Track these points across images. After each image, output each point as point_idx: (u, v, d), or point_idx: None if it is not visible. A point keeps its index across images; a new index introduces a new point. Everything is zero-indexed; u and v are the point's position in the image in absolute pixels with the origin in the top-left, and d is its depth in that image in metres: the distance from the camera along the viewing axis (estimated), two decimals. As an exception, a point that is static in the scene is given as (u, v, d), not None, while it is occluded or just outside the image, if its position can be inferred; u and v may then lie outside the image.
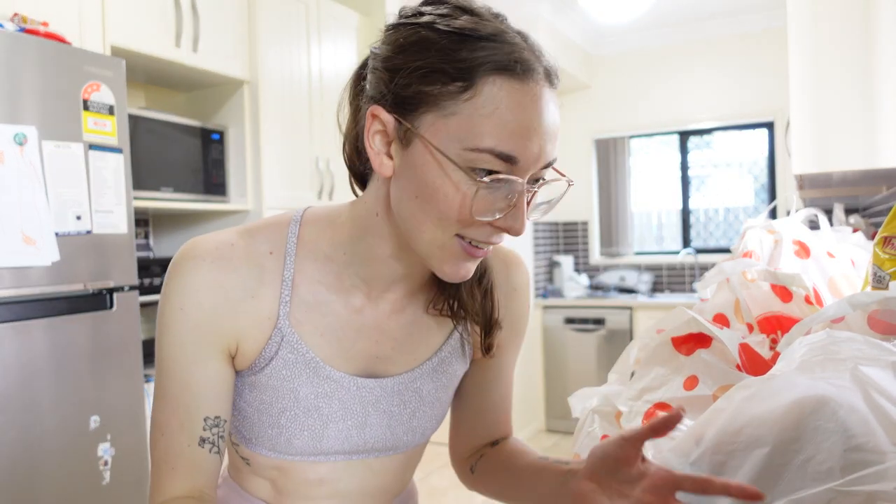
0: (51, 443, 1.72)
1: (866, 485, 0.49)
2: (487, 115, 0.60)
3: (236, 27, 2.65)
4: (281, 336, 0.73)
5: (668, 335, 0.82)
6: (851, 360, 0.56)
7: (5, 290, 1.64)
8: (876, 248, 0.84)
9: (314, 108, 2.98)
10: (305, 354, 0.74)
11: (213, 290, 0.70)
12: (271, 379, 0.74)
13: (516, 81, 0.61)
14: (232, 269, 0.71)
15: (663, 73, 4.89)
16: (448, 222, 0.64)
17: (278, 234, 0.75)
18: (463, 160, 0.61)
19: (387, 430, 0.79)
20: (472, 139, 0.60)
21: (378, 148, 0.67)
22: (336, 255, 0.74)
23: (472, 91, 0.60)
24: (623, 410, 0.80)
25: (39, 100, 1.72)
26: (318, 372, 0.74)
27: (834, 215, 2.21)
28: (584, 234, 5.25)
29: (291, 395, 0.74)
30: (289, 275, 0.73)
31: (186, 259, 0.70)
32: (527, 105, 0.61)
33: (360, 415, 0.77)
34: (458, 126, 0.61)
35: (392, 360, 0.79)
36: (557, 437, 4.62)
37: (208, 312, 0.70)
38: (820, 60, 1.68)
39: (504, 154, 0.60)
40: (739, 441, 0.57)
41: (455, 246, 0.66)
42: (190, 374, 0.71)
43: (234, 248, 0.72)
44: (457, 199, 0.62)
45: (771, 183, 4.71)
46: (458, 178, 0.62)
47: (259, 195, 2.70)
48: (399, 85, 0.63)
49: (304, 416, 0.75)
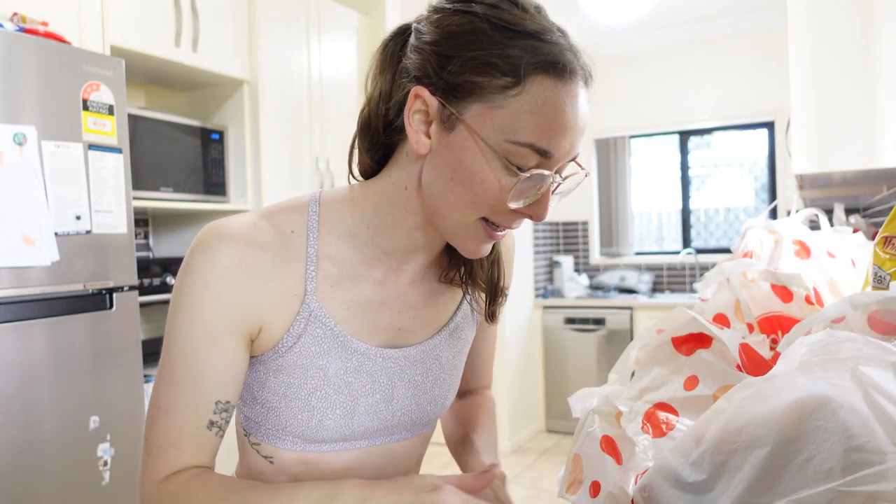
0: (50, 443, 1.72)
1: (867, 485, 0.49)
2: (531, 111, 0.64)
3: (236, 27, 2.65)
4: (309, 312, 0.73)
5: (669, 335, 0.82)
6: (852, 360, 0.56)
7: (5, 290, 1.64)
8: (876, 248, 0.84)
9: (314, 107, 2.98)
10: (333, 329, 0.75)
11: (241, 269, 0.70)
12: (300, 357, 0.74)
13: (559, 82, 0.65)
14: (259, 248, 0.71)
15: (663, 73, 4.89)
16: (479, 207, 0.68)
17: (299, 213, 0.76)
18: (503, 150, 0.65)
19: (412, 401, 0.82)
20: (515, 133, 0.64)
21: (417, 126, 0.69)
22: (359, 229, 0.76)
23: (519, 87, 0.64)
24: (623, 410, 0.79)
25: (39, 100, 1.72)
26: (346, 346, 0.75)
27: (834, 215, 2.21)
28: (584, 234, 5.25)
29: (321, 373, 0.75)
30: (313, 251, 0.74)
31: (212, 238, 0.70)
32: (566, 104, 0.65)
33: (387, 387, 0.79)
34: (502, 119, 0.64)
35: (413, 330, 0.81)
36: (557, 438, 4.62)
37: (235, 291, 0.70)
38: (820, 60, 1.68)
39: (541, 149, 0.65)
40: (740, 441, 0.57)
41: (479, 228, 0.70)
42: (207, 354, 0.70)
43: (259, 227, 0.72)
44: (494, 186, 0.66)
45: (771, 183, 4.71)
46: (496, 166, 0.65)
47: (259, 195, 2.70)
48: (450, 72, 0.66)
49: (335, 394, 0.75)
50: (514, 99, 0.64)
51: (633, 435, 0.76)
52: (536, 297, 4.78)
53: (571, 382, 4.60)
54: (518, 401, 4.43)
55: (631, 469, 0.74)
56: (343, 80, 3.16)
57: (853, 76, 1.64)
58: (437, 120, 0.68)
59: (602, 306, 4.54)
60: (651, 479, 0.65)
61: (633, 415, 0.78)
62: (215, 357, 0.70)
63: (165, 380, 0.71)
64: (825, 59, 1.68)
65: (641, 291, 4.81)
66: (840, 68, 1.66)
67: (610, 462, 0.75)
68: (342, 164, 3.11)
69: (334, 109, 3.09)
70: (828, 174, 1.86)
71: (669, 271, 4.96)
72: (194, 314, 0.69)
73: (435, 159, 0.69)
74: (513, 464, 4.08)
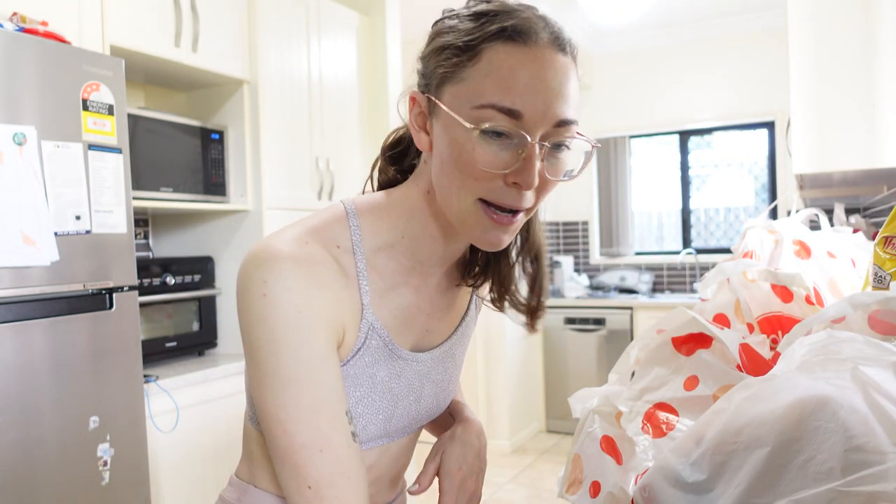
0: (50, 443, 1.72)
1: (867, 485, 0.49)
2: (488, 74, 0.67)
3: (236, 27, 2.65)
4: (368, 325, 0.75)
5: (669, 335, 0.82)
6: (852, 360, 0.56)
7: (4, 290, 1.64)
8: (877, 249, 0.84)
9: (314, 108, 2.98)
10: (386, 339, 0.77)
11: (318, 286, 0.69)
12: (353, 368, 0.75)
13: (515, 45, 0.67)
14: (322, 265, 0.71)
15: (663, 73, 4.89)
16: (469, 184, 0.69)
17: (340, 227, 0.76)
18: (473, 119, 0.67)
19: (434, 399, 0.86)
20: (477, 98, 0.67)
21: (417, 126, 0.74)
22: (395, 240, 0.78)
23: (477, 58, 0.67)
24: (623, 410, 0.79)
25: (38, 99, 1.72)
26: (394, 354, 0.78)
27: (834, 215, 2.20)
28: (584, 234, 5.25)
29: (370, 382, 0.77)
30: (362, 266, 0.75)
31: (278, 262, 0.68)
32: (526, 64, 0.66)
33: (417, 388, 0.83)
34: (466, 90, 0.68)
35: (437, 332, 0.85)
36: (557, 438, 4.62)
37: (322, 308, 0.69)
38: (820, 60, 1.68)
39: (506, 108, 0.66)
40: (740, 441, 0.57)
41: (480, 211, 0.70)
42: (323, 373, 0.68)
43: (312, 246, 0.72)
44: (472, 156, 0.67)
45: (771, 183, 4.71)
46: (472, 136, 0.67)
47: (259, 195, 2.70)
48: (427, 68, 0.73)
49: (380, 400, 0.78)
50: (474, 69, 0.67)
51: (633, 435, 0.75)
52: (536, 297, 4.77)
53: (571, 382, 4.60)
54: (518, 401, 4.43)
55: (631, 469, 0.73)
56: (343, 80, 3.16)
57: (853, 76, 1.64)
58: (427, 114, 0.73)
59: (602, 306, 4.54)
60: (651, 480, 0.65)
61: (634, 415, 0.78)
62: (330, 372, 0.69)
63: (293, 419, 0.67)
64: (825, 59, 1.68)
65: (641, 291, 4.81)
66: (840, 68, 1.66)
67: (610, 462, 0.75)
68: (342, 164, 3.11)
69: (334, 109, 3.09)
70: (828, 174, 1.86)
71: (669, 271, 4.96)
72: (296, 340, 0.67)
73: (435, 152, 0.73)
74: (513, 464, 4.08)
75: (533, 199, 0.71)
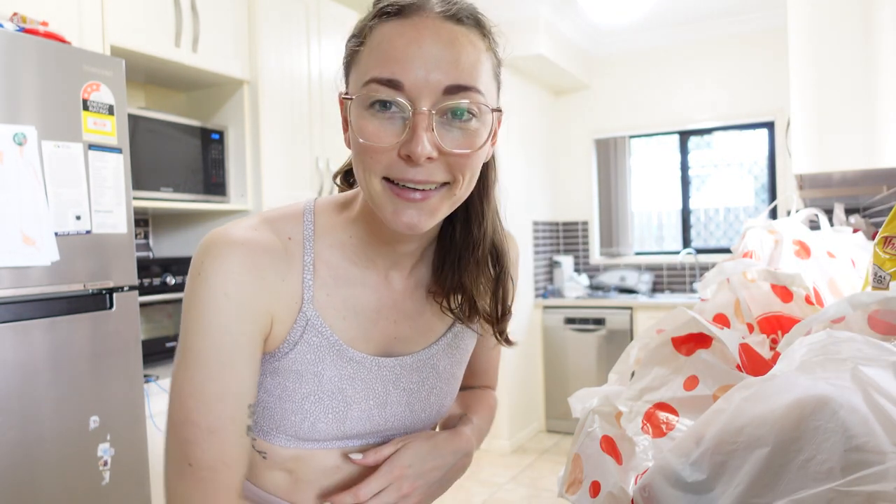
0: (50, 443, 1.72)
1: (867, 485, 0.49)
2: (370, 51, 0.68)
3: (236, 27, 2.65)
4: (306, 320, 0.74)
5: (669, 335, 0.82)
6: (852, 360, 0.56)
7: (5, 290, 1.64)
8: (876, 249, 0.84)
9: (314, 108, 2.98)
10: (329, 338, 0.76)
11: (254, 274, 0.70)
12: (295, 363, 0.75)
13: (393, 20, 0.67)
14: (265, 254, 0.72)
15: (663, 73, 4.89)
16: (370, 163, 0.68)
17: (295, 222, 0.77)
18: (361, 97, 0.67)
19: (406, 407, 0.83)
20: (363, 76, 0.67)
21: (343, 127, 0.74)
22: (348, 239, 0.78)
23: (366, 41, 0.69)
24: (623, 410, 0.79)
25: (39, 100, 1.72)
26: (341, 354, 0.76)
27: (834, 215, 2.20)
28: (584, 234, 5.25)
29: (315, 379, 0.75)
30: (309, 259, 0.75)
31: (221, 246, 0.70)
32: (404, 34, 0.66)
33: (381, 394, 0.80)
34: (356, 72, 0.69)
35: (410, 340, 0.83)
36: (557, 438, 4.62)
37: (252, 296, 0.70)
38: (820, 60, 1.68)
39: (385, 79, 0.65)
40: (740, 441, 0.57)
41: (387, 190, 0.69)
42: (235, 361, 0.69)
43: (262, 234, 0.73)
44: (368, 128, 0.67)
45: (771, 183, 4.71)
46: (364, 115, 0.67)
47: (259, 195, 2.70)
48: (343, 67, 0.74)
49: (329, 399, 0.76)
50: (362, 52, 0.69)
51: (633, 435, 0.75)
52: (536, 297, 4.78)
53: (571, 382, 4.60)
54: (518, 401, 4.43)
55: (631, 469, 0.73)
56: (343, 80, 3.16)
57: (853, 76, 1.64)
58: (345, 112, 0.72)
59: (602, 306, 4.54)
60: (651, 479, 0.65)
61: (633, 415, 0.78)
62: (242, 361, 0.70)
63: (196, 396, 0.68)
64: (825, 59, 1.68)
65: (641, 291, 4.81)
66: (840, 68, 1.66)
67: (610, 462, 0.75)
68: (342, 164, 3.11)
69: (334, 109, 3.09)
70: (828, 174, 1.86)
71: (669, 271, 4.96)
72: (217, 323, 0.68)
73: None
74: (513, 464, 4.08)
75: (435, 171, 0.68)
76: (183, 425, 0.69)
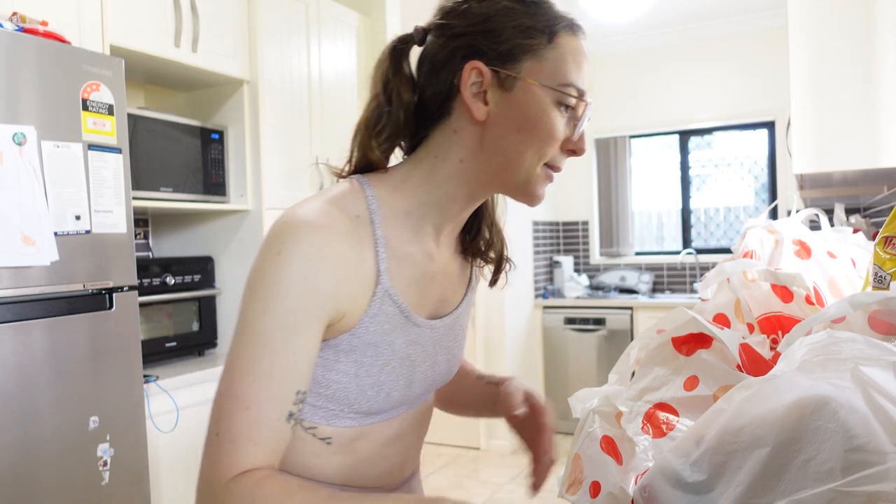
0: (50, 443, 1.72)
1: (867, 485, 0.49)
2: (565, 60, 0.78)
3: (236, 27, 2.65)
4: (383, 291, 0.78)
5: (669, 335, 0.82)
6: (852, 360, 0.56)
7: (4, 290, 1.64)
8: (877, 248, 0.84)
9: (314, 108, 2.98)
10: (400, 305, 0.80)
11: (333, 259, 0.72)
12: (373, 336, 0.78)
13: (576, 36, 0.80)
14: (344, 238, 0.74)
15: (663, 73, 4.89)
16: (545, 149, 0.78)
17: (357, 199, 0.79)
18: (556, 94, 0.77)
19: (447, 365, 0.91)
20: (562, 77, 0.77)
21: (473, 97, 0.78)
22: (412, 209, 0.82)
23: (554, 42, 0.78)
24: (623, 411, 0.79)
25: (38, 99, 1.72)
26: (409, 320, 0.81)
27: (835, 215, 2.20)
28: (584, 234, 5.25)
29: (389, 349, 0.80)
30: (379, 233, 0.78)
31: (304, 228, 0.71)
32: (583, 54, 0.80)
33: (432, 355, 0.87)
34: (548, 69, 0.77)
35: (448, 301, 0.89)
36: (558, 438, 4.62)
37: (326, 281, 0.71)
38: (820, 60, 1.68)
39: (579, 88, 0.78)
40: (740, 441, 0.57)
41: (544, 173, 0.81)
42: (294, 344, 0.70)
43: (333, 214, 0.74)
44: (556, 123, 0.77)
45: (771, 183, 4.71)
46: (552, 108, 0.77)
47: (259, 195, 2.70)
48: (501, 42, 0.77)
49: (400, 366, 0.81)
50: (552, 52, 0.77)
51: (633, 435, 0.75)
52: (536, 298, 4.78)
53: (571, 382, 4.60)
54: (518, 401, 4.42)
55: (631, 469, 0.73)
56: (343, 80, 3.16)
57: (853, 76, 1.64)
58: (493, 85, 0.77)
59: (602, 306, 4.54)
60: (651, 480, 0.65)
61: (634, 415, 0.78)
62: (301, 346, 0.71)
63: (244, 370, 0.69)
64: (825, 59, 1.68)
65: (641, 291, 4.80)
66: (840, 68, 1.66)
67: (610, 462, 0.75)
68: (342, 164, 3.11)
69: (334, 109, 3.09)
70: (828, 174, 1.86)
71: (669, 271, 4.96)
72: (286, 303, 0.69)
73: (497, 121, 0.78)
74: (513, 464, 4.08)
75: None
76: (223, 396, 0.70)
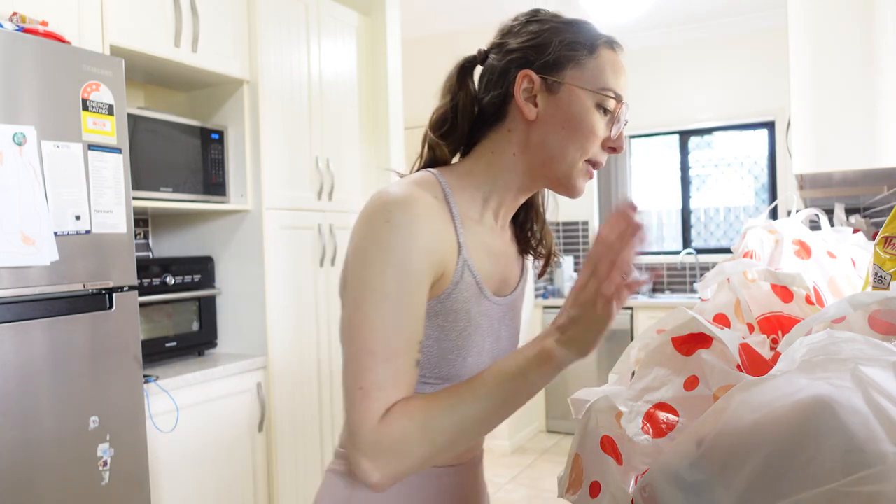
0: (50, 443, 1.72)
1: (867, 485, 0.49)
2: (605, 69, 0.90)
3: (236, 27, 2.65)
4: (463, 261, 0.88)
5: (669, 335, 0.82)
6: (852, 360, 0.56)
7: (4, 290, 1.64)
8: (877, 248, 0.84)
9: (314, 108, 2.98)
10: (476, 277, 0.90)
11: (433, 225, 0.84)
12: (455, 303, 0.87)
13: (613, 50, 0.93)
14: (433, 207, 0.85)
15: (663, 73, 4.89)
16: (587, 146, 0.89)
17: (431, 185, 0.90)
18: (597, 97, 0.89)
19: (508, 341, 0.99)
20: (602, 82, 0.90)
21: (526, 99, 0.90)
22: (476, 194, 0.94)
23: (594, 55, 0.91)
24: (623, 410, 0.79)
25: (38, 99, 1.72)
26: (481, 292, 0.91)
27: (835, 215, 2.20)
28: (584, 234, 5.25)
29: (466, 317, 0.89)
30: (456, 212, 0.89)
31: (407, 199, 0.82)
32: (620, 65, 0.92)
33: (496, 330, 0.95)
34: (589, 76, 0.90)
35: (507, 282, 0.99)
36: (558, 438, 4.62)
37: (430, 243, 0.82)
38: (820, 60, 1.68)
39: (618, 94, 0.91)
40: (740, 441, 0.57)
41: (585, 168, 0.92)
42: (414, 299, 0.81)
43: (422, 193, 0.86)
44: (597, 123, 0.89)
45: (771, 183, 4.71)
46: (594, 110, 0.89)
47: (259, 195, 2.70)
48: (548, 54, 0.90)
49: (474, 335, 0.90)
50: (593, 62, 0.90)
51: (633, 435, 0.75)
52: (536, 297, 4.78)
53: (571, 382, 4.60)
54: (518, 401, 4.42)
55: (631, 469, 0.73)
56: (343, 80, 3.16)
57: (853, 76, 1.64)
58: (542, 90, 0.90)
59: (602, 306, 4.53)
60: (651, 480, 0.65)
61: (634, 415, 0.78)
62: (418, 302, 0.81)
63: (375, 327, 0.78)
64: (825, 59, 1.68)
65: (641, 291, 4.80)
66: (840, 68, 1.66)
67: (610, 462, 0.75)
68: (342, 164, 3.11)
69: (334, 109, 3.09)
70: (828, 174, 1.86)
71: (669, 271, 4.96)
72: (404, 264, 0.80)
73: (545, 120, 0.90)
74: (513, 464, 4.08)
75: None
76: (360, 354, 0.79)
